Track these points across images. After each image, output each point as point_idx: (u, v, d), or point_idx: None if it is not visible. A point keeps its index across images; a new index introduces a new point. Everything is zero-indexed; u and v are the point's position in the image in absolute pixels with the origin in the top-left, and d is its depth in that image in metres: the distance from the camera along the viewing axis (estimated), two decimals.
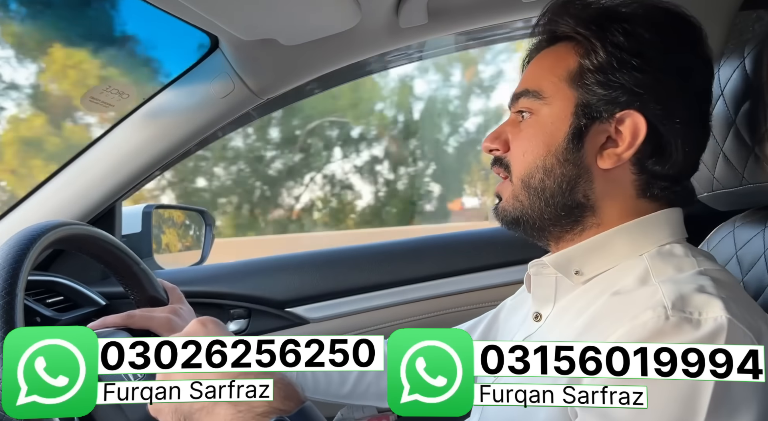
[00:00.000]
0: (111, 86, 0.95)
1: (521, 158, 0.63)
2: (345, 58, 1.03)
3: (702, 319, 0.50)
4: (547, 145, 0.62)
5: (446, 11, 0.95)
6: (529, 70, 0.66)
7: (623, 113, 0.60)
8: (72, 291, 0.98)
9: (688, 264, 0.58)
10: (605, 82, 0.60)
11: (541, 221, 0.63)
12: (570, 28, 0.62)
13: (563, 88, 0.62)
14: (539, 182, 0.62)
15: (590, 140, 0.61)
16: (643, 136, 0.59)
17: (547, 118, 0.62)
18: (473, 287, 1.18)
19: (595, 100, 0.60)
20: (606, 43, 0.60)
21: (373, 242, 1.27)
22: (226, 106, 1.04)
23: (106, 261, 0.77)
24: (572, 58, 0.62)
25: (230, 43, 0.96)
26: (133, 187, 1.09)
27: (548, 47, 0.66)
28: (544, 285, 0.65)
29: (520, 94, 0.65)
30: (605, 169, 0.61)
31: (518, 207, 0.64)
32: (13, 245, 0.62)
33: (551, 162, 0.61)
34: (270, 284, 1.18)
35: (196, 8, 0.80)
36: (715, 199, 0.81)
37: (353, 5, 0.86)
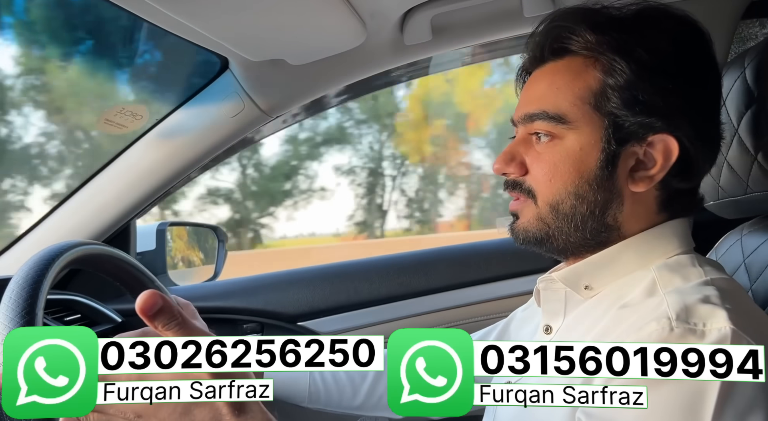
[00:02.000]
0: (125, 108, 0.97)
1: (548, 183, 0.60)
2: (351, 75, 1.05)
3: (706, 330, 0.50)
4: (578, 172, 0.59)
5: (450, 28, 0.96)
6: (540, 87, 0.62)
7: (655, 137, 0.58)
8: (89, 309, 1.00)
9: (695, 274, 0.58)
10: (632, 102, 0.57)
11: (566, 244, 0.62)
12: (586, 43, 0.59)
13: (588, 112, 0.59)
14: (570, 208, 0.60)
15: (622, 164, 0.59)
16: (675, 157, 0.58)
17: (574, 144, 0.59)
18: (483, 298, 1.18)
19: (627, 125, 0.58)
20: (630, 59, 0.57)
21: (383, 255, 1.28)
22: (236, 125, 1.06)
23: (122, 279, 0.78)
24: (591, 76, 0.59)
25: (240, 64, 0.98)
26: (148, 206, 1.11)
27: (554, 60, 0.62)
28: (554, 299, 0.65)
29: (534, 115, 0.61)
30: (636, 192, 0.60)
31: (543, 229, 0.62)
32: (33, 266, 0.64)
33: (584, 188, 0.59)
34: (282, 299, 1.19)
35: (207, 32, 0.82)
36: (721, 207, 0.81)
37: (359, 24, 0.88)
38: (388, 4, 0.89)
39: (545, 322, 0.66)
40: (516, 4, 0.92)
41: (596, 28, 0.59)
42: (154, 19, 0.81)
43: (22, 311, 0.58)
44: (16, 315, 0.58)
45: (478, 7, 0.93)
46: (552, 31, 0.62)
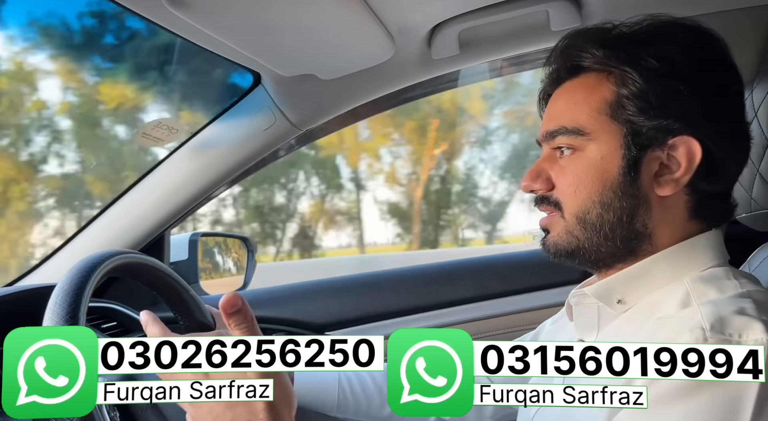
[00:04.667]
0: (162, 123, 1.01)
1: (573, 195, 0.62)
2: (380, 89, 1.06)
3: (742, 341, 0.50)
4: (601, 180, 0.61)
5: (477, 42, 0.98)
6: (558, 105, 0.65)
7: (675, 139, 0.59)
8: (125, 317, 1.03)
9: (731, 286, 0.58)
10: (648, 108, 0.59)
11: (597, 254, 0.62)
12: (597, 58, 0.62)
13: (605, 122, 0.61)
14: (597, 217, 0.61)
15: (645, 169, 0.60)
16: (698, 159, 0.59)
17: (595, 153, 0.61)
18: (510, 310, 1.18)
19: (644, 130, 0.59)
20: (641, 68, 0.59)
21: (409, 266, 1.29)
22: (267, 138, 1.09)
23: (158, 288, 0.81)
24: (606, 89, 0.61)
25: (271, 79, 1.01)
26: (182, 217, 1.14)
27: (570, 80, 0.65)
28: (587, 314, 0.65)
29: (555, 131, 0.63)
30: (663, 196, 0.60)
31: (573, 242, 0.62)
32: (76, 273, 0.66)
33: (609, 196, 0.60)
34: (310, 308, 1.21)
35: (240, 48, 0.85)
36: (754, 219, 0.80)
37: (387, 39, 0.90)
38: (416, 19, 0.91)
39: (579, 337, 0.66)
40: (543, 18, 0.93)
41: (605, 44, 0.62)
42: (190, 35, 0.84)
43: (66, 315, 0.61)
44: (61, 319, 0.61)
45: (506, 22, 0.94)
46: (565, 52, 0.65)
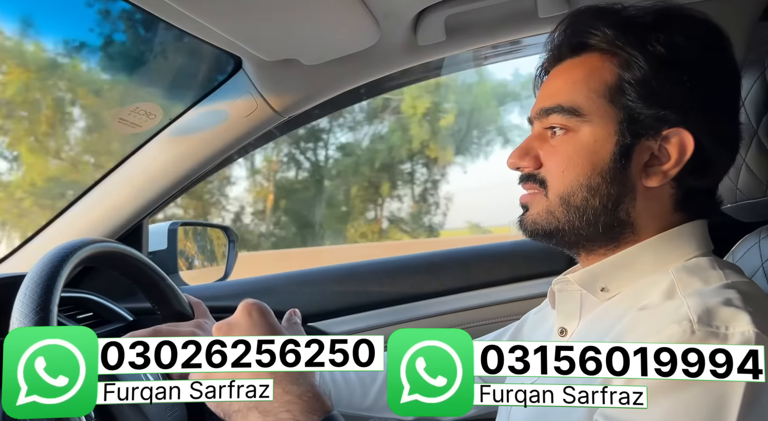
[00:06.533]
0: (138, 107, 0.98)
1: (560, 175, 0.61)
2: (365, 75, 1.05)
3: (729, 333, 0.50)
4: (592, 164, 0.60)
5: (464, 28, 0.96)
6: (556, 83, 0.63)
7: (670, 131, 0.58)
8: (101, 307, 1.01)
9: (715, 277, 0.57)
10: (649, 96, 0.58)
11: (576, 237, 0.62)
12: (604, 38, 0.60)
13: (603, 105, 0.59)
14: (581, 201, 0.60)
15: (635, 158, 0.59)
16: (690, 153, 0.58)
17: (588, 136, 0.60)
18: (495, 300, 1.17)
19: (641, 118, 0.58)
20: (648, 54, 0.58)
21: (393, 256, 1.28)
22: (249, 125, 1.06)
23: (134, 277, 0.79)
24: (608, 71, 0.59)
25: (253, 64, 0.98)
26: (160, 205, 1.11)
27: (572, 58, 0.63)
28: (569, 301, 0.64)
29: (550, 109, 0.62)
30: (649, 186, 0.60)
31: (553, 222, 0.62)
32: (47, 262, 0.64)
33: (597, 181, 0.59)
34: (291, 299, 1.19)
35: (221, 31, 0.82)
36: (739, 210, 0.80)
37: (372, 24, 0.88)
38: (401, 4, 0.89)
39: (560, 324, 0.65)
40: (531, 4, 0.92)
41: (615, 25, 0.60)
42: (169, 17, 0.81)
43: (37, 308, 0.58)
44: (31, 312, 0.58)
45: (493, 8, 0.93)
46: (571, 28, 0.63)
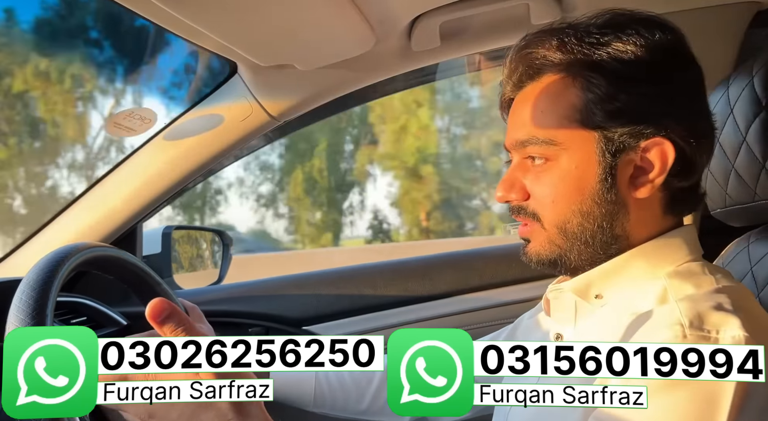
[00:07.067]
0: (134, 112, 0.98)
1: (551, 206, 0.61)
2: (360, 81, 1.05)
3: (720, 337, 0.50)
4: (579, 190, 0.60)
5: (458, 34, 0.97)
6: (525, 113, 0.62)
7: (648, 142, 0.58)
8: (95, 312, 1.00)
9: (707, 282, 0.58)
10: (617, 114, 0.58)
11: (579, 261, 0.62)
12: (560, 63, 0.60)
13: (576, 129, 0.59)
14: (578, 226, 0.60)
15: (620, 174, 0.59)
16: (672, 159, 0.58)
17: (569, 163, 0.60)
18: (488, 304, 1.18)
19: (616, 136, 0.58)
20: (605, 72, 0.58)
21: (388, 260, 1.28)
22: (244, 129, 1.06)
23: (129, 282, 0.78)
24: (572, 94, 0.59)
25: (248, 69, 0.99)
26: (155, 209, 1.11)
27: (531, 82, 0.63)
28: (564, 308, 0.65)
29: (526, 141, 0.61)
30: (640, 198, 0.60)
31: (555, 251, 0.62)
32: (43, 267, 0.64)
33: (588, 205, 0.60)
34: (287, 303, 1.19)
35: (216, 37, 0.83)
36: (728, 215, 0.81)
37: (367, 30, 0.89)
38: (396, 10, 0.90)
39: (556, 330, 0.66)
40: (523, 11, 0.93)
41: (565, 48, 0.60)
42: (164, 22, 0.82)
43: (33, 312, 0.58)
44: (27, 316, 0.58)
45: (486, 15, 0.94)
46: (524, 58, 0.62)
